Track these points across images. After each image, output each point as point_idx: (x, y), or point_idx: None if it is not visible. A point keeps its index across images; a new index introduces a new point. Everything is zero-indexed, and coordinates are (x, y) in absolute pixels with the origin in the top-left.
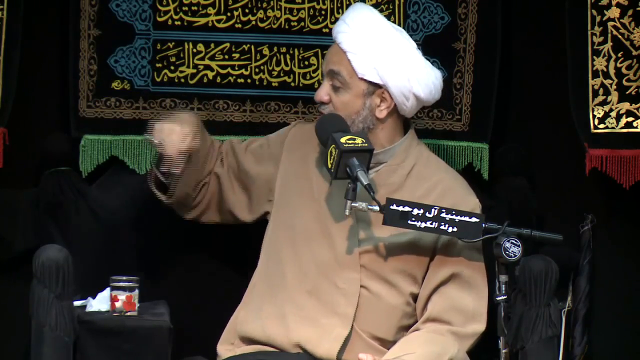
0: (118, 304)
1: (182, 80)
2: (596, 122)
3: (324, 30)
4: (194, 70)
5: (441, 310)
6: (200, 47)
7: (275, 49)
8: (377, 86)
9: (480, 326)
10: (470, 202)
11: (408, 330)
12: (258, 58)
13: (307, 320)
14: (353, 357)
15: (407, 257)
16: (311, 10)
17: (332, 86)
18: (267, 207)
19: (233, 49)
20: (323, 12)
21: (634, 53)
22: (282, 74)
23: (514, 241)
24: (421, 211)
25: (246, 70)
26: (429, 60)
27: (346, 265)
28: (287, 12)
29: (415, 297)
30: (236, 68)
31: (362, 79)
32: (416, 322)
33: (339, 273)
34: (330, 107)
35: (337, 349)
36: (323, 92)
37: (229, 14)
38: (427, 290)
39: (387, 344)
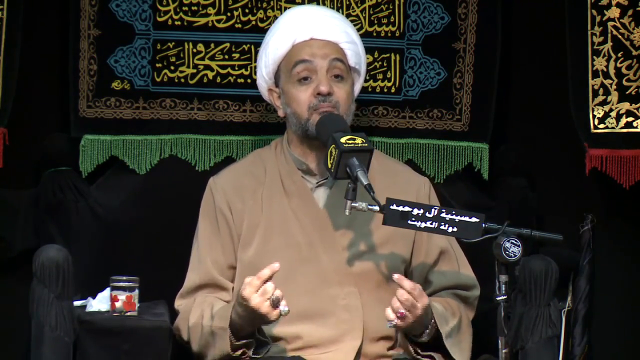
0: (118, 304)
1: (182, 80)
2: (596, 122)
3: None
4: (194, 70)
5: (441, 286)
6: (200, 47)
7: None
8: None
9: (476, 291)
10: (427, 183)
11: None
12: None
13: (315, 342)
14: None
15: (393, 248)
16: None
17: (333, 77)
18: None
19: (233, 49)
20: None
21: (634, 53)
22: None
23: (514, 241)
24: (421, 211)
25: (246, 70)
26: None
27: (340, 281)
28: None
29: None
30: (236, 68)
31: (353, 67)
32: None
33: (336, 291)
34: (334, 99)
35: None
36: (328, 84)
37: (229, 14)
38: (422, 275)
39: (392, 341)
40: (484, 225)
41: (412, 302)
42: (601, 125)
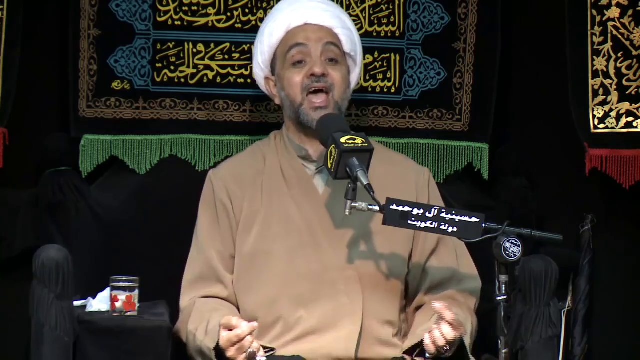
0: (118, 304)
1: (182, 80)
2: (596, 122)
3: None
4: (194, 70)
5: (441, 277)
6: (200, 47)
7: None
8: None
9: (478, 283)
10: (426, 173)
11: (404, 310)
12: None
13: (315, 327)
14: (369, 352)
15: (394, 235)
16: None
17: (328, 61)
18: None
19: (233, 49)
20: None
21: (634, 53)
22: None
23: (514, 241)
24: (421, 211)
25: (246, 70)
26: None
27: (340, 265)
28: None
29: (405, 273)
30: (236, 68)
31: (348, 54)
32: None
33: (335, 275)
34: (329, 80)
35: (354, 347)
36: (323, 66)
37: (229, 14)
38: (421, 262)
39: (396, 327)
40: (484, 225)
41: (453, 336)
42: (601, 125)
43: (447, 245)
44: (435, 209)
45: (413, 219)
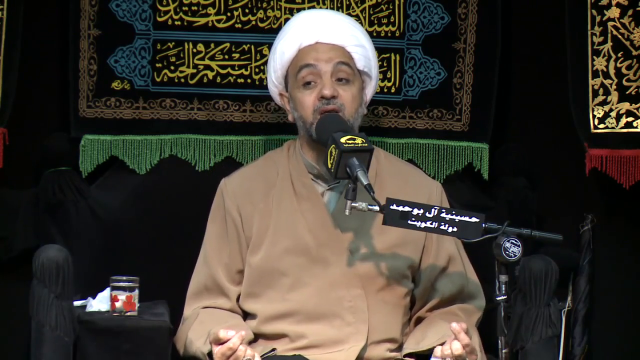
0: (118, 304)
1: (182, 80)
2: (596, 122)
3: None
4: (194, 70)
5: (449, 295)
6: (200, 47)
7: None
8: (363, 81)
9: (483, 301)
10: (438, 187)
11: (407, 325)
12: (258, 58)
13: (319, 343)
14: None
15: (401, 253)
16: None
17: (338, 81)
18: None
19: (233, 49)
20: None
21: (634, 53)
22: None
23: (514, 241)
24: (421, 211)
25: (246, 70)
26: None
27: (347, 283)
28: (287, 12)
29: (411, 290)
30: (236, 68)
31: (361, 71)
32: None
33: (342, 293)
34: (339, 102)
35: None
36: (332, 88)
37: (229, 14)
38: (431, 278)
39: (397, 343)
40: (484, 225)
41: (462, 352)
42: (601, 125)
43: (457, 263)
44: (435, 209)
45: (413, 219)
